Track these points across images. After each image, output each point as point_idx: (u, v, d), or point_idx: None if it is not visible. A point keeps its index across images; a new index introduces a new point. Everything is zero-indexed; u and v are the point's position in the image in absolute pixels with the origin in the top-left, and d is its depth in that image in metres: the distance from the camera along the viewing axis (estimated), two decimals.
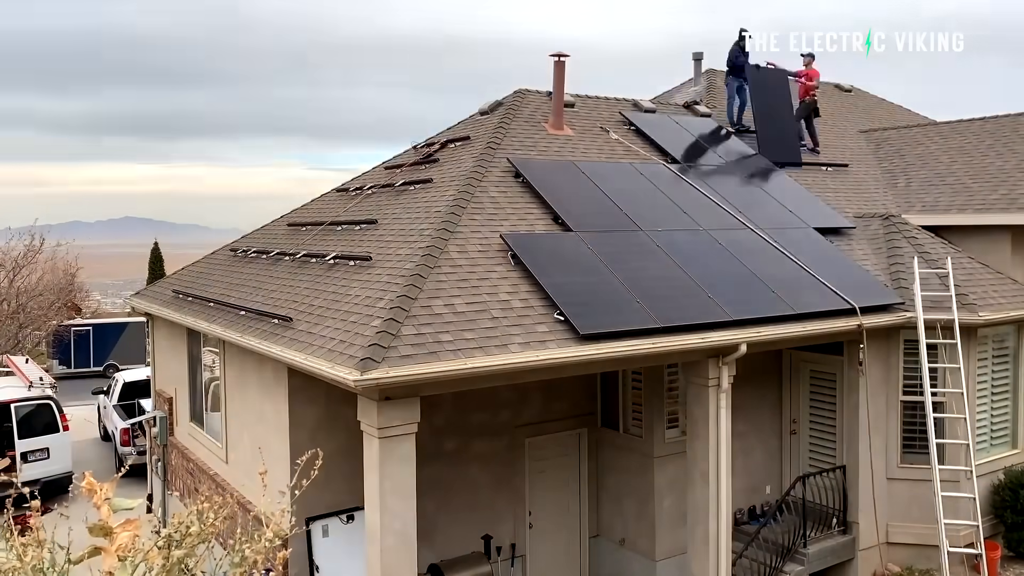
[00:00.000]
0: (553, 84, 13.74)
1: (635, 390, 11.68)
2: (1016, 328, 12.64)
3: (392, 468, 7.86)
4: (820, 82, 17.01)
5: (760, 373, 12.33)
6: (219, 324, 10.95)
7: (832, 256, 12.23)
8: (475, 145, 12.88)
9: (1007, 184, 14.04)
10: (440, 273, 9.23)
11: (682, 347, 9.39)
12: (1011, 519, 11.87)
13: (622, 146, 13.89)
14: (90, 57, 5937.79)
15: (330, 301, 9.62)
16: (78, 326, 36.21)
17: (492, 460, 11.18)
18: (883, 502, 11.83)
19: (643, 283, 10.04)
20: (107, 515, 2.86)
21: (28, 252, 32.85)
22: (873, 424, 11.70)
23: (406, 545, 7.97)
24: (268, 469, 4.21)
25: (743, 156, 14.92)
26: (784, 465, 12.96)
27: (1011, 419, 12.69)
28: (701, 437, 10.12)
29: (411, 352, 7.91)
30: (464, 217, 10.46)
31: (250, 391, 10.80)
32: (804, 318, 10.53)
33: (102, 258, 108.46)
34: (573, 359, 8.64)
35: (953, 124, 17.40)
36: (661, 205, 12.17)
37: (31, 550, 3.14)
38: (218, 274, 13.68)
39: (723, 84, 18.79)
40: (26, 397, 17.74)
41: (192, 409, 13.65)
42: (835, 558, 11.63)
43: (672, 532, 11.32)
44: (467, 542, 10.62)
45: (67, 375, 33.96)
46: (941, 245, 13.23)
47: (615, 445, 11.93)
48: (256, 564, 3.39)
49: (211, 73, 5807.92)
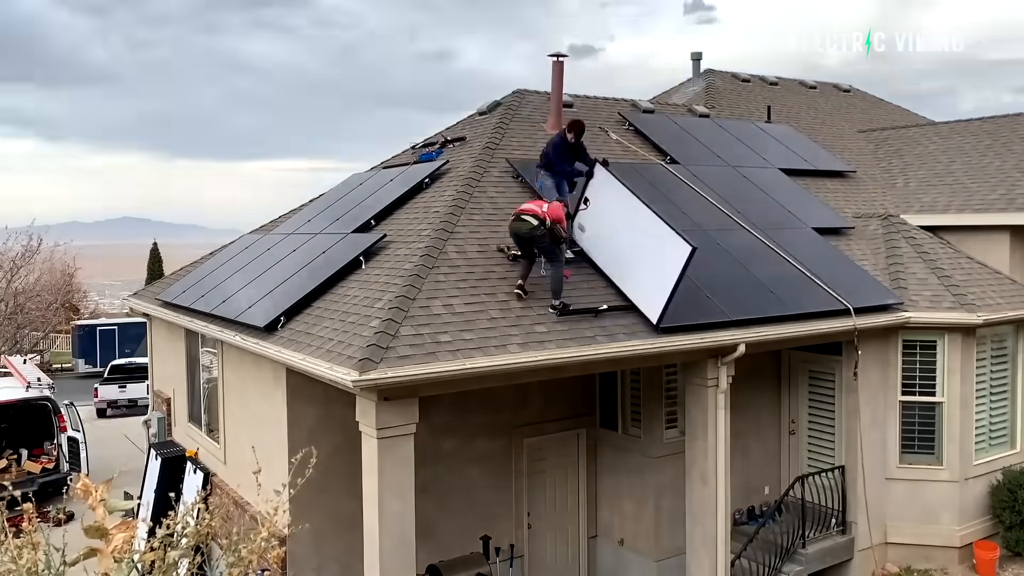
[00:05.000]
0: (552, 84, 13.73)
1: (634, 390, 11.67)
2: (1015, 328, 12.64)
3: (391, 469, 7.85)
4: (818, 82, 17.02)
5: (759, 373, 12.32)
6: (217, 324, 10.94)
7: (831, 256, 12.22)
8: (474, 145, 12.87)
9: (1006, 184, 14.05)
10: (439, 273, 9.22)
11: (681, 347, 9.39)
12: (1009, 519, 11.86)
13: (621, 146, 13.88)
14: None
15: (328, 302, 9.62)
16: (103, 324, 36.25)
17: (491, 460, 11.17)
18: (882, 502, 11.83)
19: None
20: (102, 516, 2.85)
21: (26, 253, 32.82)
22: (872, 424, 11.70)
23: (405, 546, 7.95)
24: (266, 469, 4.20)
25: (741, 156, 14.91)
26: (783, 465, 12.96)
27: (1009, 419, 12.69)
28: (700, 437, 10.11)
29: (410, 352, 7.91)
30: (463, 217, 10.46)
31: (248, 392, 10.79)
32: (803, 318, 10.53)
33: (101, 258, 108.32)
34: (572, 359, 8.63)
35: (952, 124, 17.41)
36: (660, 205, 12.14)
37: (26, 552, 3.13)
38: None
39: (721, 85, 18.81)
40: (23, 398, 17.70)
41: (190, 410, 13.63)
42: (834, 558, 11.62)
43: (671, 532, 11.31)
44: (466, 543, 10.61)
45: (92, 373, 33.93)
46: (940, 245, 13.23)
47: (614, 445, 11.91)
48: (252, 564, 3.38)
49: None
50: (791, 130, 17.02)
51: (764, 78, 20.00)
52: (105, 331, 35.90)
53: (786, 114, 18.18)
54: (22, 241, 32.69)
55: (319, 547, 9.57)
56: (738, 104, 18.14)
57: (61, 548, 3.33)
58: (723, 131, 15.78)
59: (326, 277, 10.06)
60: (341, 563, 9.67)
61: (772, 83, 19.93)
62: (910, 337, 11.78)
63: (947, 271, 12.33)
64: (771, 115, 17.40)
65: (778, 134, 16.52)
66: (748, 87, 19.28)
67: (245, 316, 10.25)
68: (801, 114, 18.57)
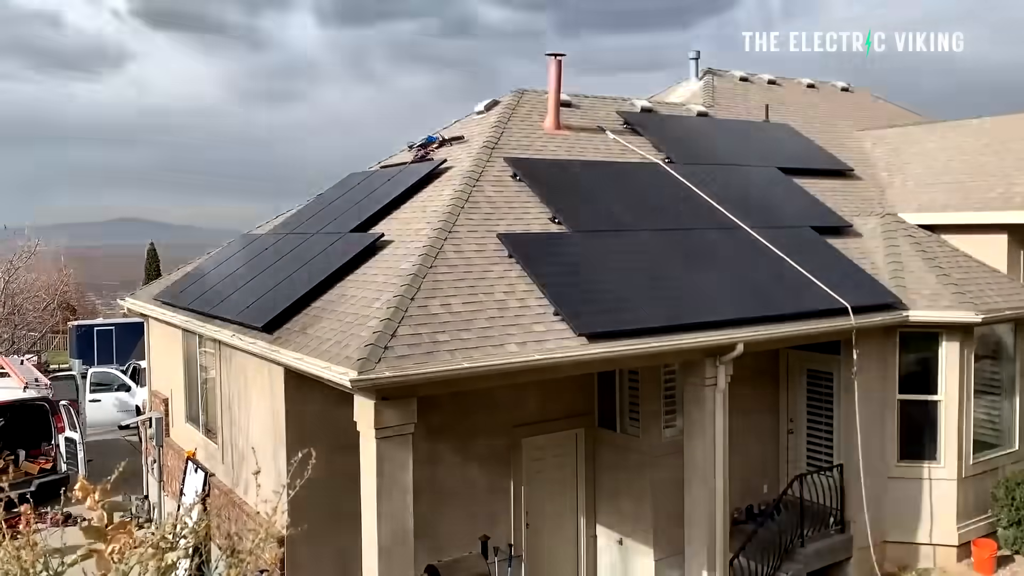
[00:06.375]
0: (550, 83, 13.72)
1: (632, 390, 11.67)
2: (1013, 327, 12.65)
3: (389, 469, 7.83)
4: (817, 81, 17.00)
5: (757, 372, 12.32)
6: (214, 324, 10.92)
7: (829, 255, 12.21)
8: (472, 144, 12.86)
9: (1004, 183, 14.04)
10: (437, 273, 9.21)
11: (679, 347, 9.38)
12: (1007, 517, 11.87)
13: (619, 145, 13.87)
14: None
15: (326, 301, 9.60)
16: (101, 324, 36.16)
17: (489, 460, 11.15)
18: (880, 501, 11.83)
19: (640, 283, 10.02)
20: (101, 518, 2.83)
21: (23, 253, 32.77)
22: (870, 423, 11.69)
23: (403, 546, 7.94)
24: (265, 470, 4.19)
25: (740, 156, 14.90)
26: (781, 464, 12.96)
27: (1008, 418, 12.70)
28: (698, 436, 10.10)
29: (408, 352, 7.89)
30: (461, 217, 10.44)
31: (246, 392, 10.77)
32: (801, 317, 10.53)
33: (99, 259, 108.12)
34: (570, 359, 8.62)
35: (951, 123, 17.41)
36: (658, 204, 12.16)
37: (24, 553, 3.12)
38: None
39: (720, 84, 18.78)
40: (20, 399, 17.66)
41: (188, 410, 13.61)
42: (832, 557, 11.61)
43: (670, 531, 11.29)
44: (464, 543, 10.59)
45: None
46: (938, 244, 13.24)
47: (613, 445, 11.91)
48: (250, 565, 3.36)
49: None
50: (790, 129, 17.01)
51: (763, 77, 19.99)
52: (103, 331, 35.83)
53: (785, 113, 18.18)
54: (20, 242, 32.67)
55: (317, 547, 9.55)
56: (737, 103, 18.13)
57: (59, 549, 3.32)
58: (722, 130, 15.77)
59: (324, 277, 10.04)
60: (339, 564, 9.65)
61: (771, 82, 19.93)
62: (909, 336, 11.78)
63: (946, 269, 12.32)
64: (769, 114, 17.39)
65: (777, 133, 16.52)
66: (747, 86, 19.27)
67: (243, 316, 10.23)
68: (800, 113, 18.56)
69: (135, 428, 17.46)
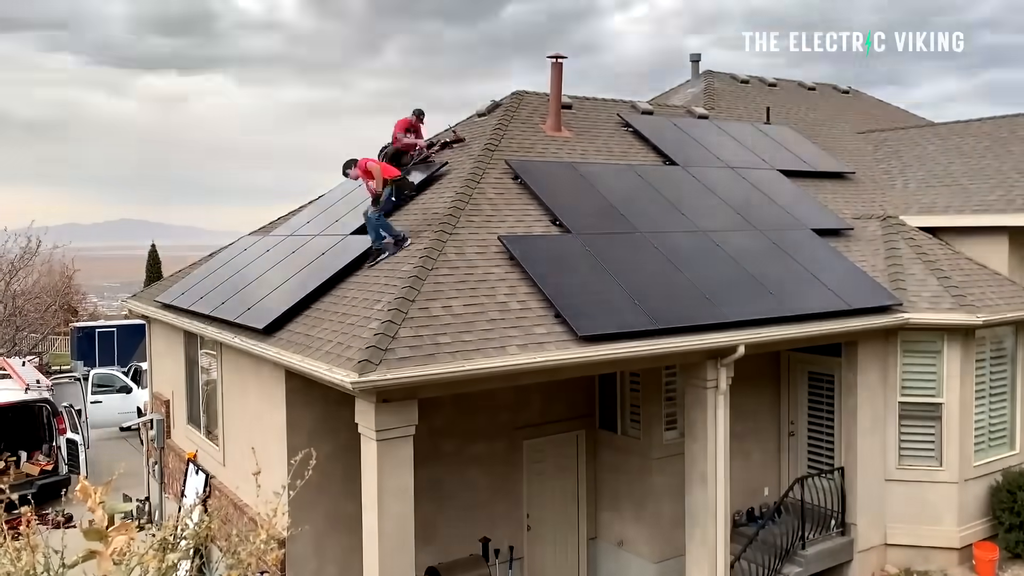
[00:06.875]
0: (550, 86, 13.73)
1: (633, 392, 11.67)
2: (1014, 329, 12.65)
3: (390, 470, 7.83)
4: (817, 83, 17.02)
5: (758, 375, 12.32)
6: (216, 326, 10.92)
7: (830, 258, 12.22)
8: (473, 147, 12.87)
9: (1004, 185, 14.05)
10: (438, 275, 9.21)
11: (680, 349, 9.38)
12: (1009, 520, 11.86)
13: (620, 147, 13.88)
14: None
15: (327, 303, 9.60)
16: (103, 326, 36.15)
17: (490, 462, 11.15)
18: (881, 503, 11.82)
19: (641, 285, 10.03)
20: (101, 519, 2.84)
21: (24, 254, 32.76)
22: (871, 425, 11.69)
23: (404, 548, 7.94)
24: (265, 472, 4.19)
25: (740, 158, 14.91)
26: (782, 467, 12.95)
27: (1009, 420, 12.69)
28: (699, 439, 10.10)
29: (409, 354, 7.90)
30: (462, 219, 10.45)
31: (247, 393, 10.77)
32: (802, 320, 10.52)
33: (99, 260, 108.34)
34: (571, 361, 8.62)
35: (951, 125, 17.42)
36: (659, 207, 12.16)
37: (25, 555, 3.12)
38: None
39: (720, 87, 18.78)
40: (22, 400, 17.66)
41: (189, 412, 13.60)
42: (833, 560, 11.60)
43: (670, 534, 11.30)
44: (465, 545, 10.59)
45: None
46: (939, 246, 13.23)
47: (613, 447, 11.91)
48: (251, 566, 3.36)
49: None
50: (790, 131, 17.02)
51: (763, 79, 20.02)
52: (104, 333, 35.81)
53: (785, 115, 18.19)
54: (21, 243, 32.64)
55: (318, 549, 9.55)
56: (737, 105, 18.15)
57: (60, 550, 3.32)
58: (722, 132, 15.78)
59: (325, 279, 10.05)
60: (340, 565, 9.66)
61: (771, 84, 19.95)
62: (909, 338, 11.77)
63: (946, 272, 12.33)
64: (770, 116, 17.41)
65: (777, 135, 16.52)
66: (747, 88, 19.29)
67: (244, 318, 10.24)
68: (800, 115, 18.58)
69: (136, 429, 17.50)
